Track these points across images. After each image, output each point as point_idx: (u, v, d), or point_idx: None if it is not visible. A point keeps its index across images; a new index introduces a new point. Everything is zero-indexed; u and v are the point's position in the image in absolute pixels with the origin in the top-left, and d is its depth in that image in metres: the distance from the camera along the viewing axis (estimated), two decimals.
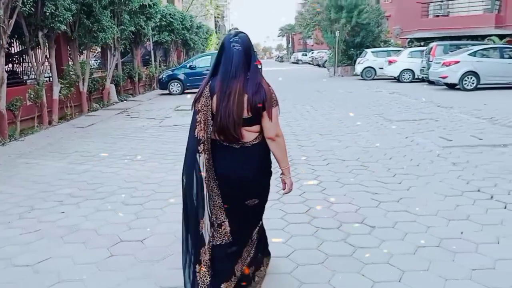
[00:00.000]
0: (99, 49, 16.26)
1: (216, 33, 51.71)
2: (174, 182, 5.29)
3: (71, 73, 12.16)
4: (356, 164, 5.96)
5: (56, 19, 9.47)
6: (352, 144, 7.22)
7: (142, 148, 7.42)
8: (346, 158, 6.26)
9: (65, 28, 10.10)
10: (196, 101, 2.44)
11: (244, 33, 2.48)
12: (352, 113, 10.46)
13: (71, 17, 10.00)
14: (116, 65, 16.05)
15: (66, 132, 9.40)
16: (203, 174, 2.43)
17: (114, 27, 12.48)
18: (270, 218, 4.00)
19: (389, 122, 9.31)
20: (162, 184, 5.27)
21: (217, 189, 2.53)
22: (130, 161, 6.50)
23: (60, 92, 10.86)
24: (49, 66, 10.95)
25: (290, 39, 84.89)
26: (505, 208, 4.18)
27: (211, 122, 2.42)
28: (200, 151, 2.40)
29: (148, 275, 3.07)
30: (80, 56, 13.23)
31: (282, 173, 2.64)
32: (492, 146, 6.73)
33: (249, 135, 2.44)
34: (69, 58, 12.58)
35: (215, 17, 51.74)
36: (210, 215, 2.53)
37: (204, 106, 2.41)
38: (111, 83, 14.97)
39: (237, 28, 2.82)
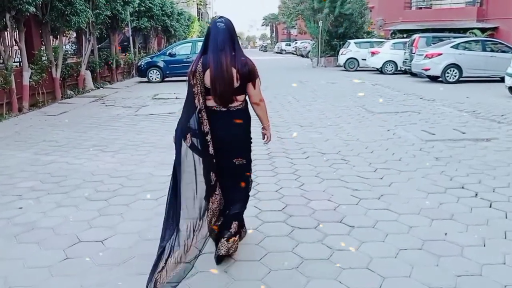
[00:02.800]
0: (74, 34, 15.69)
1: (198, 20, 50.94)
2: (143, 175, 5.00)
3: (43, 58, 11.67)
4: (336, 157, 5.73)
5: (24, 0, 8.96)
6: (333, 136, 6.99)
7: (114, 138, 7.06)
8: (327, 151, 6.03)
9: (35, 10, 9.58)
10: (191, 76, 2.87)
11: (227, 18, 2.96)
12: (328, 105, 10.22)
13: None
14: (92, 51, 15.52)
15: (36, 120, 8.95)
16: (208, 137, 2.88)
17: (88, 11, 11.97)
18: (244, 216, 3.75)
19: (371, 114, 9.11)
20: (130, 177, 4.95)
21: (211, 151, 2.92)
22: (100, 152, 6.15)
23: (30, 78, 10.36)
24: (19, 51, 10.44)
25: (274, 28, 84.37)
26: (490, 206, 3.99)
27: (204, 92, 2.86)
28: (202, 118, 2.85)
29: (104, 282, 2.77)
30: (54, 41, 12.71)
31: (263, 128, 3.16)
32: (475, 140, 6.58)
33: (235, 102, 2.94)
34: (42, 43, 12.05)
35: (197, 4, 50.86)
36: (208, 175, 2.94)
37: (198, 80, 2.85)
38: (86, 69, 14.44)
39: (222, 17, 3.02)
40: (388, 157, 5.73)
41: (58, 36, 12.21)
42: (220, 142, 2.94)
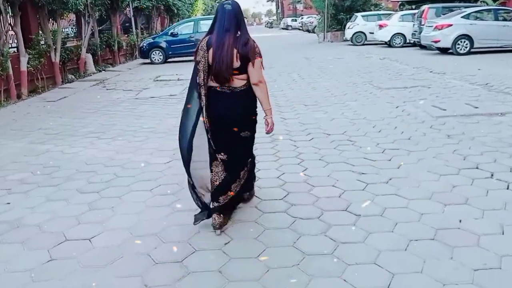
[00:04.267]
0: (74, 17, 15.35)
1: None
2: (139, 163, 4.79)
3: (41, 42, 11.39)
4: (342, 138, 5.44)
5: None
6: (339, 115, 6.69)
7: (112, 124, 6.83)
8: (332, 132, 5.74)
9: None
10: (196, 53, 3.05)
11: (235, 0, 3.10)
12: (335, 82, 9.85)
13: None
14: (93, 33, 15.21)
15: (34, 107, 8.74)
16: (203, 103, 3.06)
17: None
18: (243, 206, 3.52)
19: (378, 90, 8.76)
20: (126, 166, 4.72)
21: (213, 125, 3.12)
22: (96, 139, 5.92)
23: (28, 63, 10.11)
24: (15, 35, 10.17)
25: (280, 4, 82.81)
26: (507, 188, 3.70)
27: (207, 70, 3.04)
28: (201, 92, 3.05)
29: (87, 286, 2.56)
30: (53, 24, 12.41)
31: (264, 113, 3.20)
32: (489, 115, 6.23)
33: (239, 82, 3.05)
34: (39, 27, 11.75)
35: None
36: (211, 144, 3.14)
37: (202, 57, 3.02)
38: (87, 52, 14.16)
39: None
40: (396, 136, 5.43)
41: (56, 19, 11.89)
42: (226, 120, 3.10)
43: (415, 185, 3.85)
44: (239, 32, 3.01)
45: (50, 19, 12.24)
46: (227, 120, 3.10)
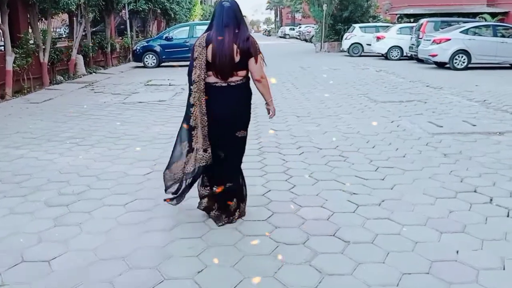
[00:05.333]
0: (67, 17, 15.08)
1: (201, 3, 49.88)
2: (116, 174, 4.47)
3: (30, 42, 11.08)
4: (334, 153, 5.17)
5: None
6: (332, 128, 6.42)
7: (95, 129, 6.52)
8: (323, 146, 5.47)
9: None
10: (194, 49, 3.04)
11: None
12: (327, 94, 9.57)
13: None
14: (86, 35, 14.93)
15: (17, 108, 8.42)
16: (196, 110, 3.08)
17: None
18: (221, 228, 3.23)
19: (374, 103, 8.52)
20: (101, 177, 4.42)
21: (211, 121, 3.13)
22: (75, 146, 5.62)
23: (14, 62, 9.80)
24: (1, 33, 9.87)
25: (278, 12, 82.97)
26: (507, 216, 3.44)
27: (204, 67, 3.03)
28: (195, 89, 3.05)
29: None
30: (44, 23, 12.11)
31: (266, 104, 3.31)
32: (487, 134, 6.00)
33: (236, 78, 3.07)
34: (29, 26, 11.46)
35: None
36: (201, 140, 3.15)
37: (200, 54, 3.02)
38: (78, 53, 13.86)
39: None
40: (391, 153, 5.17)
41: (47, 19, 11.58)
42: (222, 116, 3.10)
43: (409, 208, 3.58)
44: (238, 29, 3.02)
45: (42, 19, 11.96)
46: (223, 115, 3.11)
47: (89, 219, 3.44)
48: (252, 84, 3.21)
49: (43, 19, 11.98)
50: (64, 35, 16.05)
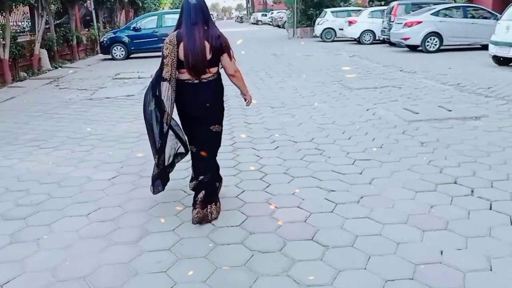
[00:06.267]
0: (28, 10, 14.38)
1: None
2: (79, 180, 4.19)
3: None
4: (309, 147, 4.99)
5: None
6: (307, 119, 6.24)
7: (58, 129, 6.17)
8: (299, 139, 5.28)
9: None
10: (164, 47, 3.03)
11: None
12: (301, 83, 9.38)
13: None
14: (49, 28, 14.31)
15: None
16: (168, 99, 3.10)
17: None
18: (192, 238, 3.01)
19: (348, 90, 8.37)
20: (63, 184, 4.12)
21: (185, 117, 3.29)
22: (36, 149, 5.28)
23: None
24: None
25: None
26: (490, 208, 3.32)
27: (176, 65, 3.05)
28: (166, 88, 3.07)
29: None
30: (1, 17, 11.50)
31: (242, 94, 3.42)
32: (463, 119, 5.91)
33: (208, 74, 3.12)
34: None
35: None
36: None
37: (171, 52, 3.02)
38: (42, 48, 13.28)
39: None
40: (367, 144, 5.02)
41: (4, 13, 10.98)
42: (196, 112, 3.18)
43: (389, 205, 3.42)
44: (206, 26, 3.04)
45: (1, 12, 11.33)
46: (196, 110, 3.17)
47: (48, 234, 3.17)
48: (224, 79, 3.27)
49: (1, 13, 11.36)
50: (26, 29, 15.36)
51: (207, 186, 3.25)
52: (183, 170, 4.17)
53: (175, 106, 3.17)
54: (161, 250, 2.87)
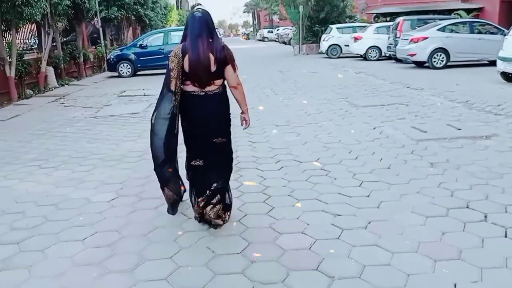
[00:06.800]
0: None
1: (177, 8, 49.32)
2: (77, 202, 4.07)
3: None
4: (315, 167, 4.85)
5: None
6: (312, 138, 6.11)
7: (60, 149, 6.08)
8: (304, 159, 5.15)
9: None
10: (170, 60, 3.08)
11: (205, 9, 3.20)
12: (305, 101, 9.25)
13: None
14: (56, 45, 14.38)
15: None
16: (176, 111, 3.13)
17: (42, 1, 10.79)
18: (189, 266, 2.87)
19: (354, 108, 8.24)
20: (61, 205, 4.01)
21: (189, 128, 3.28)
22: (37, 169, 5.18)
23: None
24: None
25: (256, 15, 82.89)
26: (505, 236, 3.15)
27: (181, 78, 3.09)
28: (174, 100, 3.09)
29: None
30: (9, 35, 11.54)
31: (242, 112, 3.34)
32: (473, 138, 5.75)
33: (212, 87, 3.15)
34: None
35: None
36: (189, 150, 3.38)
37: (177, 64, 3.06)
38: (48, 65, 13.31)
39: (200, 4, 3.35)
40: (375, 164, 4.87)
41: (11, 30, 11.02)
42: (200, 124, 3.19)
43: (398, 231, 3.27)
44: (211, 39, 3.08)
45: (7, 30, 11.39)
46: (201, 123, 3.19)
47: (42, 260, 3.04)
48: (230, 94, 3.30)
49: (8, 31, 11.42)
50: (34, 47, 15.46)
51: (221, 192, 3.34)
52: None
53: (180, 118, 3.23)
54: (157, 280, 2.73)
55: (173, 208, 3.49)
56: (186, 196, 3.89)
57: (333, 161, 5.05)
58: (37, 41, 15.69)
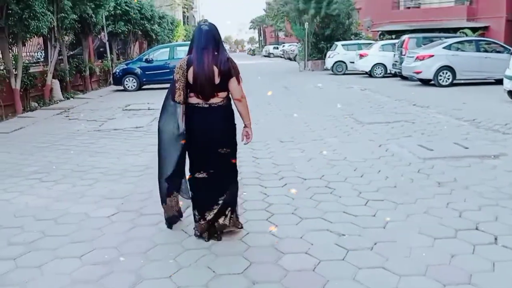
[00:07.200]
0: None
1: (184, 24, 49.82)
2: (77, 217, 4.00)
3: (1, 67, 10.59)
4: (319, 184, 4.76)
5: None
6: (317, 155, 6.03)
7: (63, 162, 6.03)
8: (308, 176, 5.06)
9: None
10: (176, 72, 3.15)
11: (211, 22, 3.26)
12: (311, 116, 9.21)
13: None
14: (62, 59, 14.47)
15: None
16: (182, 127, 3.23)
17: (49, 15, 10.87)
18: (191, 286, 2.77)
19: (360, 124, 8.17)
20: (60, 220, 3.93)
21: (193, 139, 3.25)
22: (38, 182, 5.12)
23: None
24: None
25: (262, 31, 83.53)
26: None
27: (185, 89, 3.15)
28: (179, 112, 3.17)
29: None
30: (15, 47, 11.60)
31: (245, 126, 3.36)
32: (481, 157, 5.65)
33: (216, 99, 3.16)
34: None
35: (182, 8, 49.81)
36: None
37: (182, 76, 3.12)
38: (54, 78, 13.36)
39: (207, 20, 3.36)
40: (381, 182, 4.77)
41: (16, 43, 11.08)
42: (204, 136, 3.20)
43: (405, 253, 3.16)
44: (217, 51, 3.12)
45: (14, 43, 11.45)
46: (205, 135, 3.20)
47: (37, 277, 2.96)
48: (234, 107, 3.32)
49: (15, 44, 11.50)
50: (40, 60, 15.56)
51: (231, 203, 3.41)
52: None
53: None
54: None
55: (170, 222, 3.60)
56: (186, 212, 3.81)
57: (338, 178, 4.96)
58: (43, 54, 15.82)
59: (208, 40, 3.12)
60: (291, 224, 3.73)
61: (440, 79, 14.31)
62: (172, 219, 3.59)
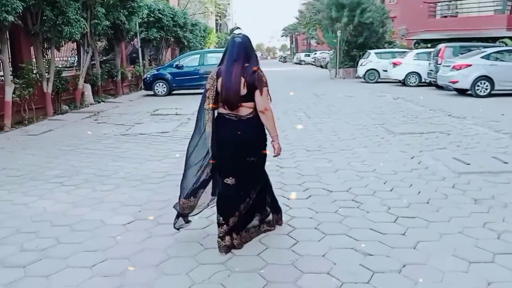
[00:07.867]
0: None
1: (216, 31, 50.26)
2: (92, 224, 3.90)
3: (34, 71, 10.79)
4: (346, 198, 4.51)
5: (3, 8, 8.07)
6: (345, 165, 5.77)
7: (85, 166, 6.00)
8: (334, 188, 4.82)
9: (15, 19, 8.66)
10: (207, 81, 3.27)
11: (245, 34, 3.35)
12: (341, 124, 8.93)
13: (21, 7, 8.52)
14: (95, 64, 14.70)
15: (13, 141, 8.00)
16: (208, 129, 3.27)
17: (82, 21, 11.03)
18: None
19: (391, 135, 7.84)
20: (75, 227, 3.84)
21: (221, 147, 3.29)
22: (58, 186, 5.08)
23: (14, 93, 9.46)
24: (1, 63, 9.57)
25: (294, 39, 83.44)
26: None
27: (214, 98, 3.26)
28: (207, 119, 3.27)
29: None
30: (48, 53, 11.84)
31: (272, 140, 3.33)
32: None
33: (245, 110, 3.22)
34: (34, 55, 11.18)
35: (215, 15, 50.28)
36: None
37: (212, 86, 3.26)
38: (86, 82, 13.57)
39: (239, 27, 2.74)
40: (412, 198, 4.48)
41: (50, 48, 11.29)
42: (233, 146, 3.24)
43: (437, 278, 2.88)
44: (247, 63, 3.18)
45: (48, 48, 11.68)
46: (233, 145, 3.24)
47: (45, 287, 2.84)
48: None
49: (49, 49, 11.72)
50: (74, 65, 15.87)
51: (259, 203, 3.51)
52: (203, 218, 3.80)
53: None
54: None
55: (178, 218, 3.53)
56: (203, 223, 3.65)
57: (366, 192, 4.70)
58: (77, 59, 16.14)
59: (239, 52, 3.20)
60: (313, 241, 3.51)
61: (478, 89, 13.72)
62: (183, 216, 3.51)
